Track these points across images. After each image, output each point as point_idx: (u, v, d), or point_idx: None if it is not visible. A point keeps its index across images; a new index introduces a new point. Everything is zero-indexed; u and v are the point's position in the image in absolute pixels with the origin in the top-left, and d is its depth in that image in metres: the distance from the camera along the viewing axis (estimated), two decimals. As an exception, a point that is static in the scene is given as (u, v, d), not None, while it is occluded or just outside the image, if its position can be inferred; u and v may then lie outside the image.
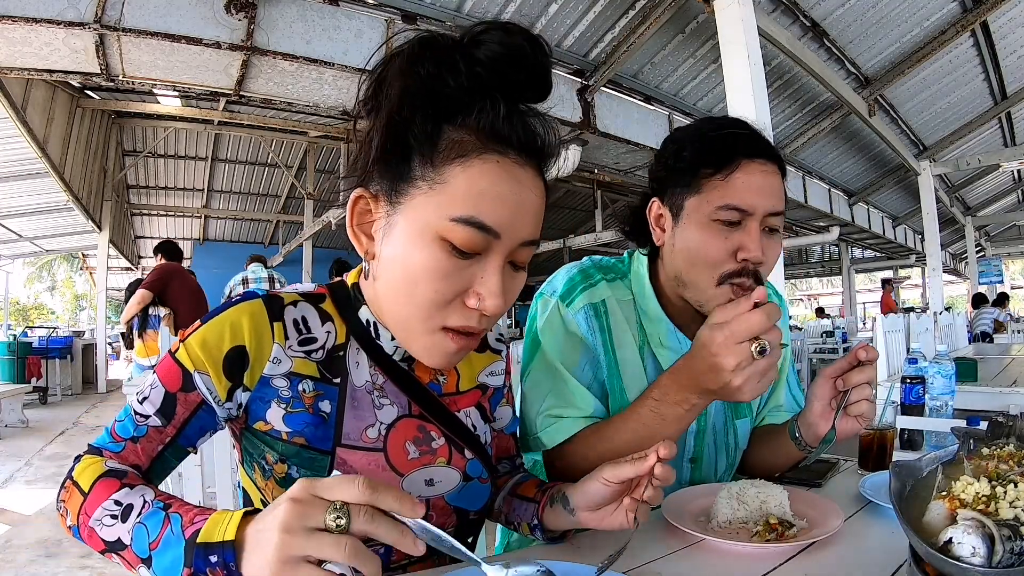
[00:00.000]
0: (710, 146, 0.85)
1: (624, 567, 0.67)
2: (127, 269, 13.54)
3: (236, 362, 0.62)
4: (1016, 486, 0.51)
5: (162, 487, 0.62)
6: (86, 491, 0.56)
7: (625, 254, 1.02)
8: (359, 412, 0.66)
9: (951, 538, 0.48)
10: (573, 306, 0.91)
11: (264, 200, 11.00)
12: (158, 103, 6.58)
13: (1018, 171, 8.84)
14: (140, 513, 0.53)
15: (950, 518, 0.50)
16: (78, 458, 0.61)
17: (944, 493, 0.54)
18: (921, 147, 6.90)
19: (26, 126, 5.01)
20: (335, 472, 0.59)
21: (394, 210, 0.59)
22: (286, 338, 0.65)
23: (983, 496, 0.51)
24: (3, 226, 8.84)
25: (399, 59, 0.58)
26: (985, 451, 0.61)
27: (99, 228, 8.54)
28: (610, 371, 0.92)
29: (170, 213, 11.24)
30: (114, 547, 0.53)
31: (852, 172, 7.67)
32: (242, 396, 0.64)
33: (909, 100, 5.74)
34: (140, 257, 13.28)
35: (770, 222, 0.83)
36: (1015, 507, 0.49)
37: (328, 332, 0.67)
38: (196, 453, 0.70)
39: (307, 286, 0.72)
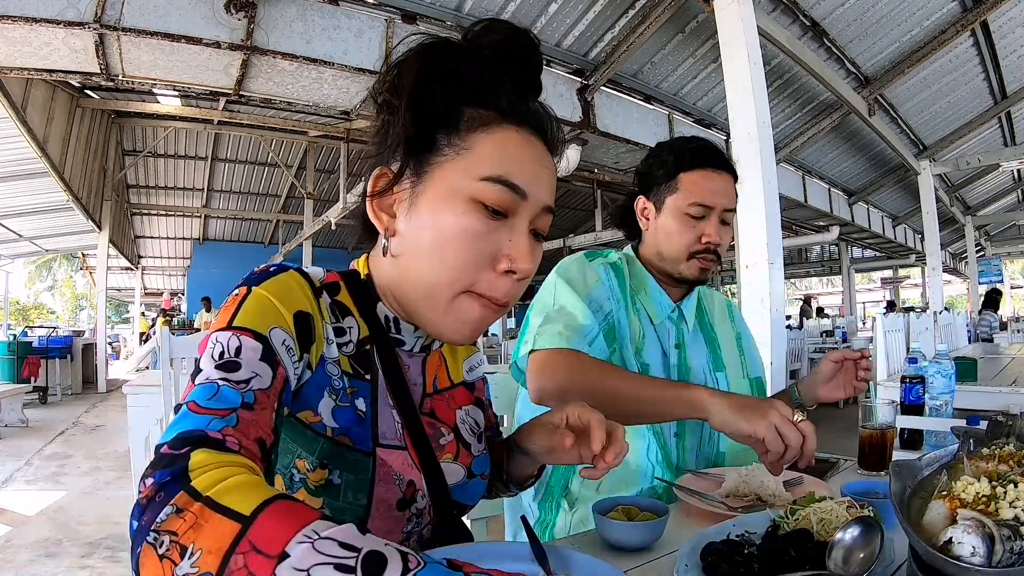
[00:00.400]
0: (685, 157, 1.16)
1: (624, 567, 0.67)
2: (127, 269, 13.56)
3: (304, 327, 0.56)
4: (1016, 486, 0.51)
5: None
6: (249, 516, 0.35)
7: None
8: (388, 410, 0.65)
9: (951, 538, 0.48)
10: (595, 262, 1.18)
11: (264, 200, 11.00)
12: (158, 103, 6.58)
13: (1018, 171, 8.84)
14: (409, 571, 0.33)
15: (950, 518, 0.50)
16: (181, 469, 0.38)
17: (944, 493, 0.54)
18: (921, 147, 6.90)
19: (26, 126, 5.01)
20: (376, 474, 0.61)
21: (420, 180, 0.61)
22: (329, 319, 0.62)
23: (983, 496, 0.51)
24: (3, 226, 8.84)
25: (413, 52, 0.61)
26: (985, 451, 0.61)
27: (99, 228, 8.54)
28: (624, 306, 1.15)
29: (170, 213, 11.25)
30: None
31: (852, 172, 7.67)
32: (305, 373, 0.57)
33: (909, 100, 5.74)
34: (140, 257, 13.29)
35: (725, 216, 1.16)
36: (1015, 507, 0.49)
37: (350, 327, 0.65)
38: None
39: (315, 270, 0.65)
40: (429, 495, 0.66)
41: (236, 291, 0.55)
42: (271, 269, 0.59)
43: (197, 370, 0.48)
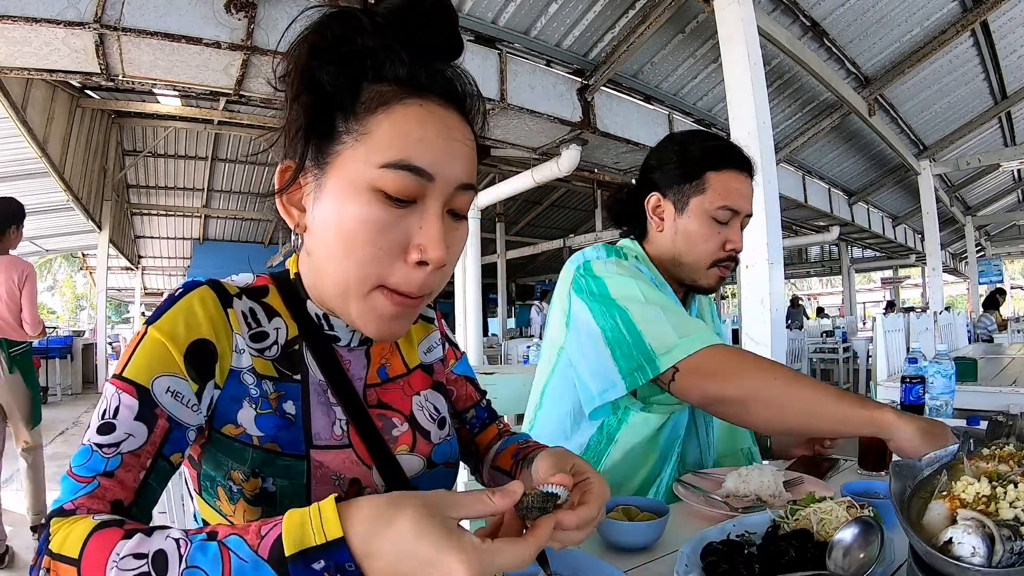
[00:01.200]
0: (713, 155, 1.07)
1: (624, 567, 0.67)
2: (127, 269, 13.55)
3: (200, 356, 0.56)
4: (1016, 486, 0.51)
5: None
6: (77, 558, 0.42)
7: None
8: (324, 409, 0.63)
9: (951, 538, 0.48)
10: (629, 260, 1.07)
11: (264, 200, 10.97)
12: (158, 103, 6.57)
13: (1018, 171, 8.83)
14: (182, 556, 0.41)
15: (950, 518, 0.50)
16: (46, 538, 0.46)
17: (944, 493, 0.54)
18: (921, 147, 6.89)
19: (26, 126, 5.01)
20: (313, 476, 0.59)
21: (322, 172, 0.57)
22: (239, 328, 0.60)
23: (983, 496, 0.51)
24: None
25: (306, 31, 0.57)
26: (985, 451, 0.61)
27: (99, 228, 8.53)
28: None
29: (170, 213, 11.24)
30: None
31: (852, 172, 7.67)
32: (213, 393, 0.58)
33: (909, 100, 5.73)
34: (140, 257, 13.29)
35: (745, 221, 1.11)
36: (1015, 507, 0.49)
37: (277, 328, 0.64)
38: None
39: (243, 277, 0.67)
40: (388, 490, 0.64)
41: (140, 328, 0.58)
42: (176, 293, 0.59)
43: (101, 409, 0.54)
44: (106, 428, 0.52)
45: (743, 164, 1.09)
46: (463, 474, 1.29)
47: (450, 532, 0.41)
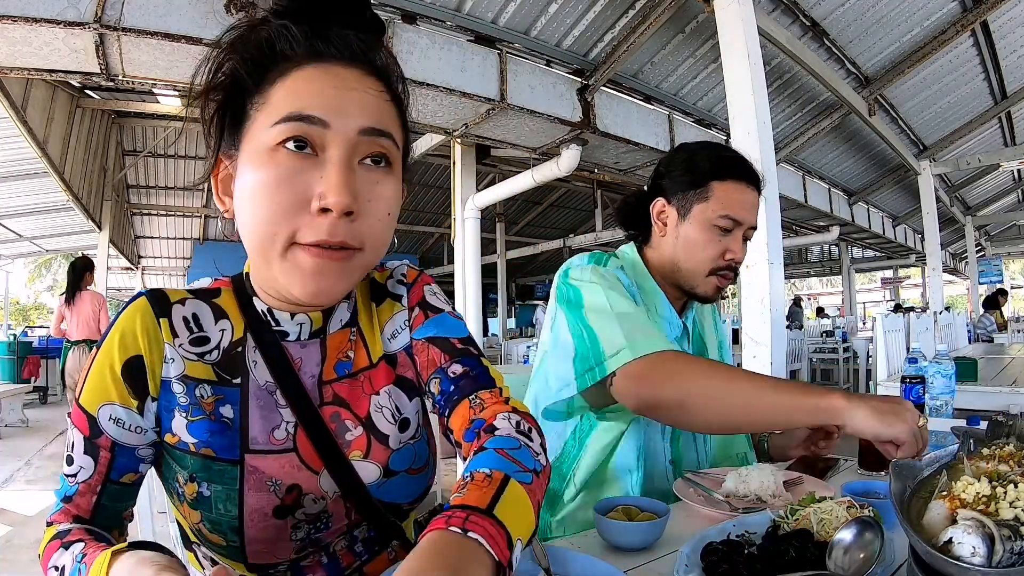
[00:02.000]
0: (720, 165, 1.08)
1: (624, 567, 0.67)
2: (127, 269, 13.55)
3: (135, 373, 0.59)
4: (1016, 486, 0.51)
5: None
6: (40, 558, 0.57)
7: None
8: (265, 412, 0.62)
9: (951, 538, 0.48)
10: (609, 266, 1.08)
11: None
12: (158, 103, 6.58)
13: (1018, 171, 8.83)
14: (65, 571, 0.53)
15: (950, 518, 0.50)
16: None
17: (944, 493, 0.54)
18: (921, 147, 6.89)
19: (26, 126, 5.01)
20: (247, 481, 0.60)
21: (238, 152, 0.58)
22: (175, 336, 0.61)
23: (983, 496, 0.51)
24: (3, 226, 8.84)
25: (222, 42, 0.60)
26: (985, 451, 0.61)
27: (99, 228, 8.53)
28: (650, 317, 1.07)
29: (170, 213, 11.24)
30: None
31: (852, 172, 7.66)
32: (152, 407, 0.61)
33: (909, 100, 5.73)
34: (140, 257, 13.28)
35: (748, 233, 1.11)
36: (1015, 507, 0.49)
37: (223, 330, 0.64)
38: (140, 484, 0.65)
39: (202, 282, 0.69)
40: (345, 496, 0.62)
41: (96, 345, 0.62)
42: (121, 309, 0.62)
43: (67, 441, 0.61)
44: (69, 460, 0.60)
45: (750, 177, 1.10)
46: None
47: None
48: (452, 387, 0.65)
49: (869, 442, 1.12)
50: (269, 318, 0.64)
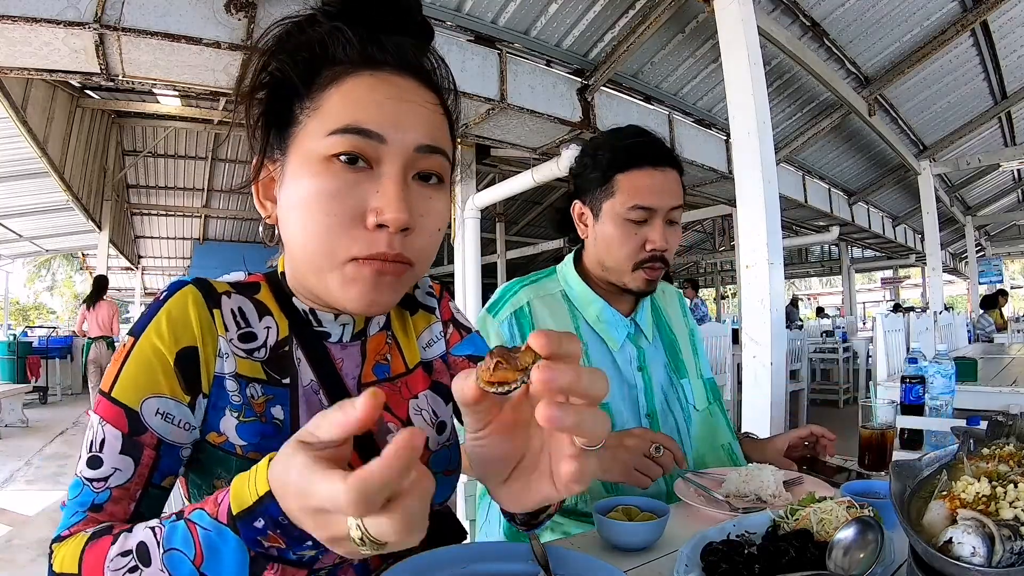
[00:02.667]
0: (619, 156, 1.04)
1: (624, 567, 0.67)
2: (127, 269, 13.54)
3: (189, 365, 0.55)
4: (1016, 486, 0.51)
5: None
6: (77, 572, 0.47)
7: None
8: (312, 414, 0.59)
9: (951, 538, 0.48)
10: (498, 316, 1.08)
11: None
12: (158, 103, 6.58)
13: (1018, 171, 8.83)
14: (159, 543, 0.44)
15: (950, 518, 0.50)
16: (49, 564, 0.50)
17: (944, 493, 0.54)
18: (921, 147, 6.89)
19: (26, 126, 5.01)
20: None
21: (284, 157, 0.57)
22: (226, 330, 0.59)
23: (983, 496, 0.51)
24: (3, 226, 8.84)
25: (273, 36, 0.60)
26: (985, 451, 0.61)
27: (99, 228, 8.53)
28: None
29: (170, 213, 11.24)
30: None
31: (852, 172, 7.66)
32: (203, 403, 0.57)
33: (909, 100, 5.73)
34: (140, 257, 13.28)
35: (671, 216, 1.04)
36: (1015, 507, 0.49)
37: (268, 327, 0.62)
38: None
39: (237, 274, 0.66)
40: None
41: (126, 339, 0.57)
42: (162, 297, 0.58)
43: (89, 440, 0.54)
44: (94, 462, 0.52)
45: (656, 158, 1.03)
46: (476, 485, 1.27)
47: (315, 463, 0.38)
48: None
49: (869, 442, 1.12)
50: (311, 318, 0.64)
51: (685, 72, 4.66)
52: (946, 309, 6.35)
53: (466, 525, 1.02)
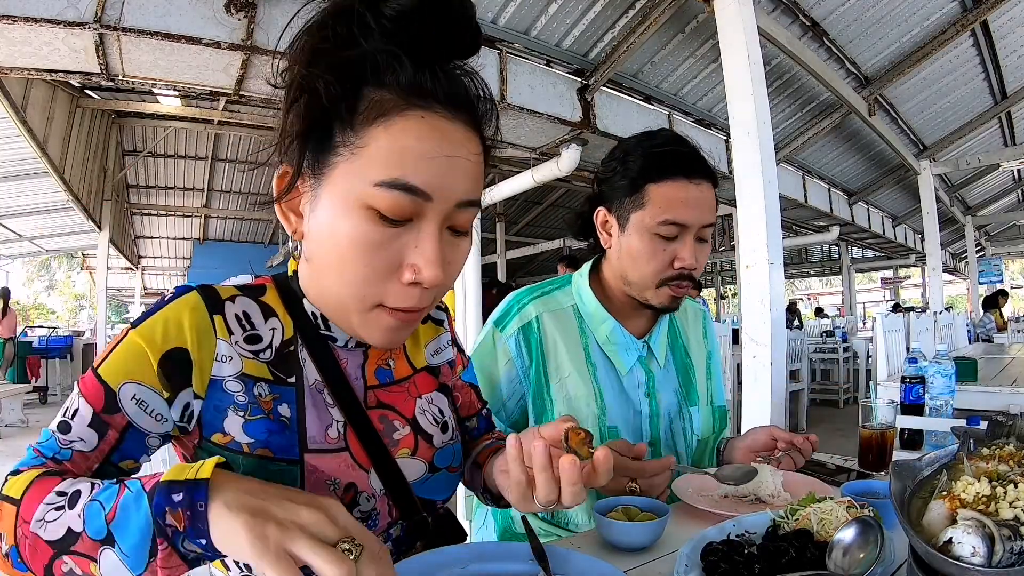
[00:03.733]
0: (652, 164, 0.96)
1: (624, 567, 0.67)
2: (127, 269, 13.54)
3: (176, 366, 0.56)
4: (1016, 486, 0.51)
5: None
6: (19, 498, 0.49)
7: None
8: (319, 412, 0.62)
9: (951, 538, 0.48)
10: (506, 332, 1.04)
11: (263, 201, 10.99)
12: (158, 103, 6.57)
13: (1018, 171, 8.83)
14: (91, 493, 0.46)
15: (950, 518, 0.50)
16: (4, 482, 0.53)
17: (944, 493, 0.54)
18: (921, 147, 6.89)
19: (26, 126, 5.00)
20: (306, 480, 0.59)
21: (318, 183, 0.55)
22: (230, 333, 0.59)
23: (983, 496, 0.51)
24: (3, 226, 8.83)
25: (307, 28, 0.54)
26: (985, 451, 0.61)
27: (99, 228, 8.52)
28: (537, 386, 1.02)
29: (170, 213, 11.24)
30: (64, 545, 0.45)
31: (852, 172, 7.66)
32: (195, 405, 0.58)
33: (909, 100, 5.73)
34: (140, 257, 13.28)
35: (702, 233, 0.97)
36: (1015, 507, 0.49)
37: (273, 329, 0.63)
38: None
39: (243, 278, 0.67)
40: (389, 493, 0.64)
41: (122, 329, 0.59)
42: (165, 298, 0.59)
43: (66, 406, 0.57)
44: (63, 426, 0.55)
45: (692, 170, 0.96)
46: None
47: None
48: (484, 424, 0.84)
49: (869, 442, 1.12)
50: (320, 322, 0.64)
51: (685, 72, 4.66)
52: (946, 309, 6.35)
53: (465, 525, 1.02)
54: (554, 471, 0.54)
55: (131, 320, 0.59)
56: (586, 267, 1.10)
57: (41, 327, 13.70)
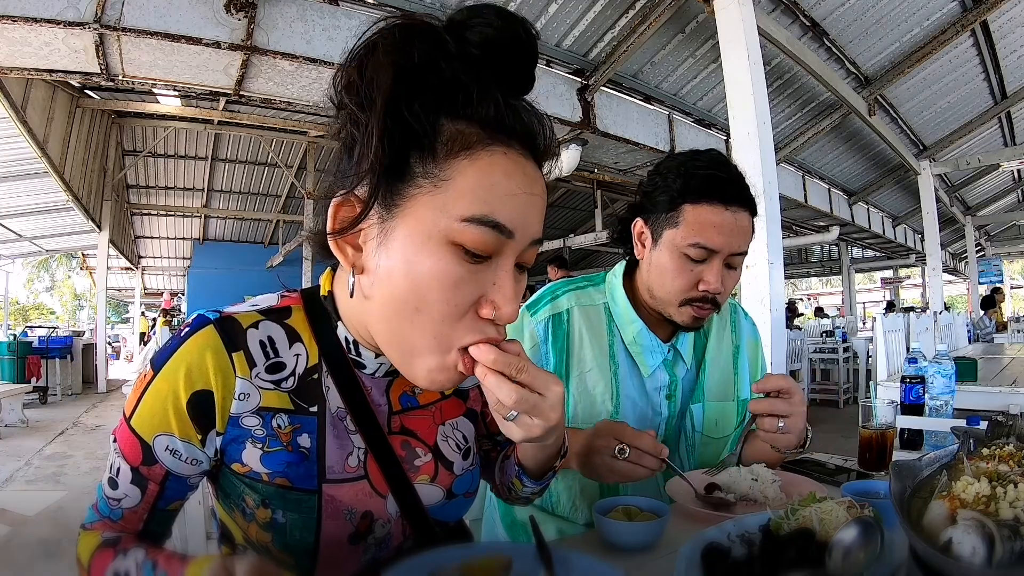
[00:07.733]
0: (691, 185, 0.96)
1: (625, 567, 0.67)
2: (127, 269, 13.55)
3: (201, 408, 0.57)
4: (1016, 486, 0.51)
5: None
6: (87, 567, 0.57)
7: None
8: (340, 441, 0.61)
9: (951, 538, 0.48)
10: (537, 316, 1.06)
11: (264, 200, 11.00)
12: (158, 103, 6.57)
13: (1018, 171, 8.84)
14: None
15: (950, 518, 0.50)
16: (77, 547, 0.61)
17: (944, 493, 0.54)
18: (921, 147, 6.89)
19: (26, 126, 5.01)
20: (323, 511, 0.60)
21: (390, 215, 0.52)
22: (251, 367, 0.58)
23: (983, 496, 0.51)
24: (3, 226, 8.84)
25: (384, 44, 0.50)
26: (985, 451, 0.61)
27: (99, 228, 8.53)
28: (556, 373, 1.03)
29: (170, 213, 11.24)
30: None
31: (852, 172, 7.67)
32: (216, 440, 0.59)
33: (909, 100, 5.74)
34: (140, 257, 13.29)
35: (732, 260, 0.98)
36: (1015, 507, 0.49)
37: (298, 355, 0.61)
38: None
39: (268, 299, 0.64)
40: (405, 517, 0.64)
41: (145, 370, 0.59)
42: (183, 333, 0.58)
43: (110, 462, 0.60)
44: (111, 483, 0.59)
45: (729, 196, 0.95)
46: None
47: None
48: (509, 442, 0.81)
49: (869, 442, 1.12)
50: (352, 348, 0.63)
51: (685, 72, 4.66)
52: (946, 309, 6.35)
53: (473, 525, 1.02)
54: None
55: (151, 360, 0.59)
56: (620, 267, 1.12)
57: (41, 327, 13.71)
